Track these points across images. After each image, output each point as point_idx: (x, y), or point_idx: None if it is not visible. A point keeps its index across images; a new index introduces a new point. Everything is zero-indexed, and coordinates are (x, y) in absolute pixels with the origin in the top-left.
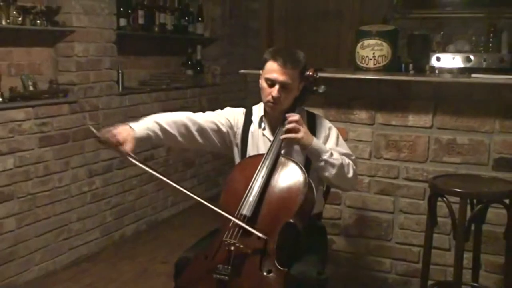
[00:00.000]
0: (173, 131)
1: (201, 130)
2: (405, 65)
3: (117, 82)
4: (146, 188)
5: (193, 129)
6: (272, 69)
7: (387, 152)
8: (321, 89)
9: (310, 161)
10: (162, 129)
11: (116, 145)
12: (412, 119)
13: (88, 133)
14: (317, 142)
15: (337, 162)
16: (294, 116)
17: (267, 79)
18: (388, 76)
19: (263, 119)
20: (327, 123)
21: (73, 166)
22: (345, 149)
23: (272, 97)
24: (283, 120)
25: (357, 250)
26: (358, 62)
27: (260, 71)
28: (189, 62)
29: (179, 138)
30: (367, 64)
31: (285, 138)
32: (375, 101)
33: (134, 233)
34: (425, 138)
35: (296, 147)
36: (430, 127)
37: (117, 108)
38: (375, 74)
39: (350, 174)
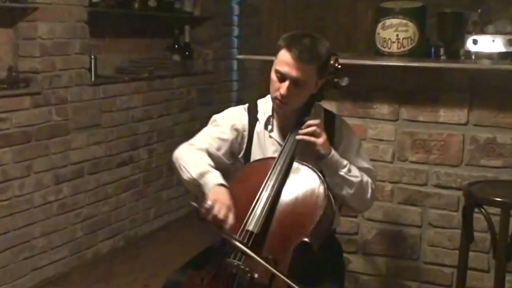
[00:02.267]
0: None
1: (215, 159)
2: (435, 49)
3: (89, 69)
4: (124, 197)
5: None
6: (284, 61)
7: (414, 154)
8: (344, 81)
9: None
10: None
11: (219, 225)
12: (443, 114)
13: None
14: (335, 154)
15: (355, 180)
16: (315, 121)
17: (277, 71)
18: (415, 62)
19: (271, 119)
20: (349, 128)
21: (37, 171)
22: (366, 162)
23: (281, 94)
24: (297, 123)
25: (377, 272)
26: (379, 46)
27: (274, 58)
28: (176, 46)
29: None
30: (389, 48)
31: (302, 140)
32: (399, 92)
33: (110, 251)
34: (459, 137)
35: (312, 155)
36: (465, 124)
37: (89, 100)
38: (399, 60)
39: (368, 195)
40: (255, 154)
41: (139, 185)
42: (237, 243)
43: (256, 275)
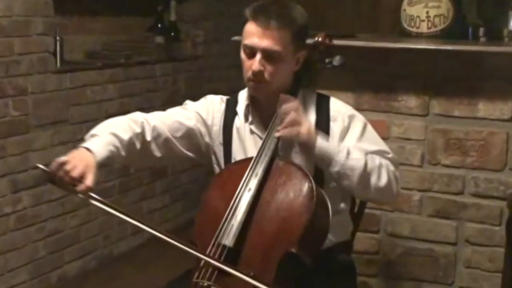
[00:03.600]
0: (137, 143)
1: (161, 139)
2: (473, 29)
3: (54, 54)
4: (96, 209)
5: (151, 138)
6: (250, 32)
7: (447, 156)
8: (336, 61)
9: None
10: (123, 142)
11: (72, 184)
12: (483, 108)
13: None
14: (323, 140)
15: (358, 164)
16: (289, 103)
17: (245, 47)
18: (449, 45)
19: (249, 108)
20: (346, 109)
21: None
22: (378, 145)
23: (253, 71)
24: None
25: None
26: (405, 25)
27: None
28: (159, 25)
29: (139, 155)
30: (418, 28)
31: (281, 136)
32: (429, 81)
33: (79, 274)
34: (503, 136)
35: (300, 149)
36: (510, 120)
37: (54, 91)
38: (429, 43)
39: (384, 181)
40: (237, 154)
41: (114, 194)
42: (205, 257)
43: None
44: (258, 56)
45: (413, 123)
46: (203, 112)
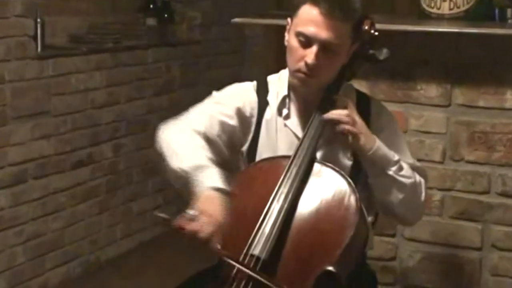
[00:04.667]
0: None
1: (212, 146)
2: (500, 11)
3: (35, 37)
4: (82, 209)
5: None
6: (310, 19)
7: (472, 151)
8: (383, 54)
9: (358, 175)
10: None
11: (204, 244)
12: (511, 98)
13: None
14: (381, 145)
15: (408, 182)
16: (346, 101)
17: (300, 34)
18: (473, 28)
19: (286, 101)
20: (390, 115)
21: None
22: (409, 156)
23: (306, 64)
24: (322, 104)
25: None
26: (425, 6)
27: (287, 21)
28: (151, 6)
29: None
30: (438, 9)
31: (331, 120)
32: (451, 68)
33: (63, 282)
34: None
35: (340, 152)
36: None
37: (34, 79)
38: (451, 25)
39: (422, 199)
40: (262, 150)
41: (102, 194)
42: (240, 266)
43: None
44: (315, 48)
45: (434, 115)
46: (241, 105)
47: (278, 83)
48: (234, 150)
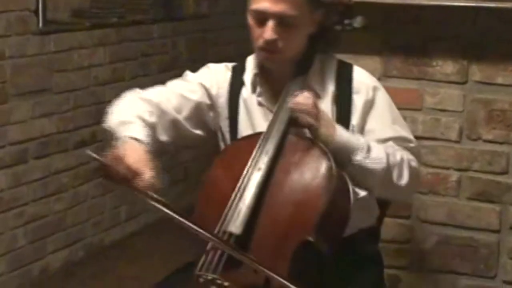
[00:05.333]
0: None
1: (167, 119)
2: None
3: (36, 12)
4: (85, 190)
5: (156, 119)
6: None
7: (489, 130)
8: (357, 22)
9: None
10: (150, 125)
11: (128, 181)
12: None
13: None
14: (343, 134)
15: (378, 167)
16: (302, 98)
17: (254, 12)
18: (492, 2)
19: (257, 78)
20: (371, 81)
21: None
22: (401, 129)
23: (265, 40)
24: (293, 80)
25: None
26: None
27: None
28: None
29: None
30: None
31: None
32: (469, 44)
33: (65, 266)
34: None
35: None
36: None
37: (35, 56)
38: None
39: (404, 181)
40: (243, 129)
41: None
42: (205, 233)
43: None
44: (271, 23)
45: (450, 92)
46: (207, 82)
47: (253, 62)
48: (206, 127)
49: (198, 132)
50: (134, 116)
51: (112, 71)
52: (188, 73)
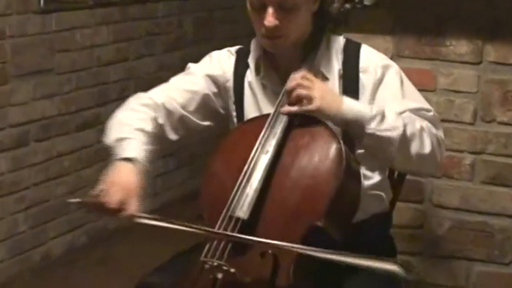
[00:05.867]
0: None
1: (175, 118)
2: None
3: None
4: (88, 174)
5: (163, 120)
6: None
7: (505, 112)
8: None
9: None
10: (151, 135)
11: (115, 214)
12: None
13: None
14: (351, 104)
15: (395, 135)
16: (293, 80)
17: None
18: None
19: (261, 60)
20: (380, 59)
21: None
22: (416, 101)
23: (266, 27)
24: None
25: (452, 282)
26: None
27: None
28: None
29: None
30: None
31: (288, 113)
32: (484, 22)
33: (67, 252)
34: None
35: None
36: None
37: (36, 35)
38: None
39: (427, 149)
40: (250, 113)
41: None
42: (207, 232)
43: (248, 279)
44: (270, 10)
45: (464, 73)
46: (211, 70)
47: (257, 44)
48: (217, 115)
49: (208, 123)
50: (132, 130)
51: (115, 51)
52: (190, 65)
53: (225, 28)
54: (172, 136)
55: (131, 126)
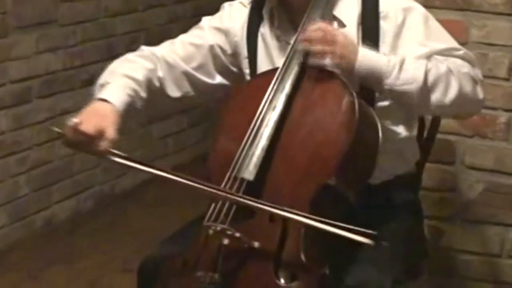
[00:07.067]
0: (155, 81)
1: (176, 72)
2: None
3: None
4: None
5: (163, 73)
6: None
7: None
8: None
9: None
10: (140, 82)
11: (90, 146)
12: None
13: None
14: (367, 56)
15: (413, 87)
16: (311, 29)
17: None
18: None
19: (274, 10)
20: (400, 2)
21: None
22: (444, 41)
23: None
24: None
25: (486, 249)
26: None
27: None
28: None
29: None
30: None
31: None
32: None
33: (71, 217)
34: None
35: None
36: None
37: None
38: None
39: (453, 92)
40: (262, 66)
41: None
42: (205, 187)
43: (256, 244)
44: None
45: (498, 24)
46: (220, 23)
47: None
48: (227, 72)
49: (218, 81)
50: (119, 75)
51: (124, 1)
52: (202, 19)
53: None
54: (173, 92)
55: (117, 72)
